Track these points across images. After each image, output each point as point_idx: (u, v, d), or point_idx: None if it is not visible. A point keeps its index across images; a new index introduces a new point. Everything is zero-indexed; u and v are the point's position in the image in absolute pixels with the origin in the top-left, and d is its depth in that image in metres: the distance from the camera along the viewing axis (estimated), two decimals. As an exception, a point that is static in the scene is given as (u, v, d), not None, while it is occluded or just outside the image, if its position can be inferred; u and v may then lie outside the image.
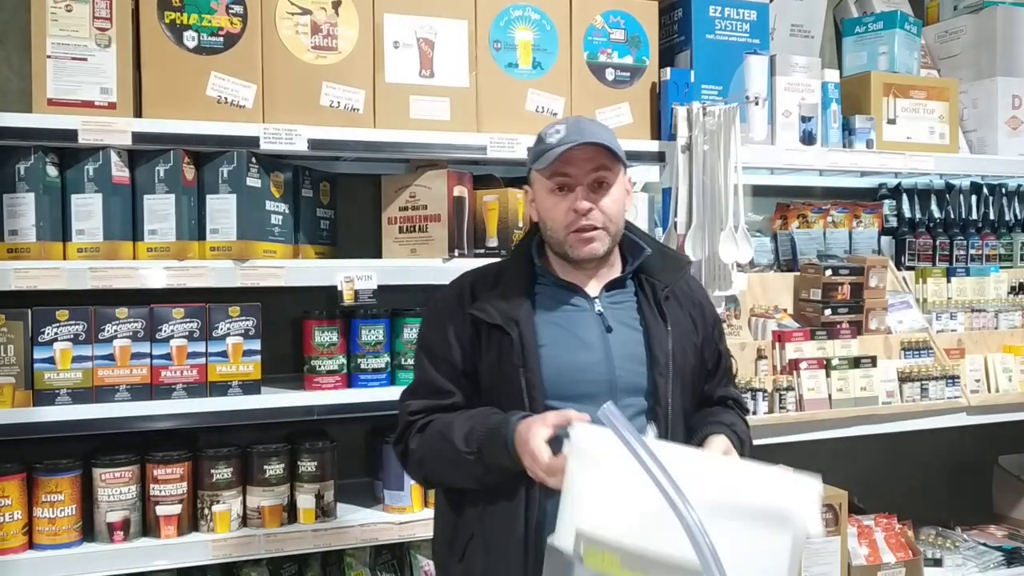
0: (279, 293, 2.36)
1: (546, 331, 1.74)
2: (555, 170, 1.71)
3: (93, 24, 2.11)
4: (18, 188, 2.07)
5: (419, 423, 1.77)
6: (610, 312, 1.78)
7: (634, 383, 1.75)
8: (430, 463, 1.75)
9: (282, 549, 2.26)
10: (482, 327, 1.74)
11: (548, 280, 1.80)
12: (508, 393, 1.71)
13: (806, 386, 2.70)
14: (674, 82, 2.59)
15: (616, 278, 1.82)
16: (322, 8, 2.29)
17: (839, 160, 2.84)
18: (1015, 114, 3.19)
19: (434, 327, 1.82)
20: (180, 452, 2.24)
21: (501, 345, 1.72)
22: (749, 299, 2.92)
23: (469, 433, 1.66)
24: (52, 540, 2.11)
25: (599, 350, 1.74)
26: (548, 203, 1.75)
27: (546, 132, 1.74)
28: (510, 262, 1.86)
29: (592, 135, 1.69)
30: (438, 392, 1.77)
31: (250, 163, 2.21)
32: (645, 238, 1.89)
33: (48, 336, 2.09)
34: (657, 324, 1.78)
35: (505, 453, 1.60)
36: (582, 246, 1.73)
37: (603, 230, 1.73)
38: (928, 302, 3.15)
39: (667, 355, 1.76)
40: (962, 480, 3.53)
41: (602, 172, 1.72)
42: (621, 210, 1.77)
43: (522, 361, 1.70)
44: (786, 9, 3.07)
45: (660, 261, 1.85)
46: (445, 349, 1.77)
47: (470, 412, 1.72)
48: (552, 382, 1.71)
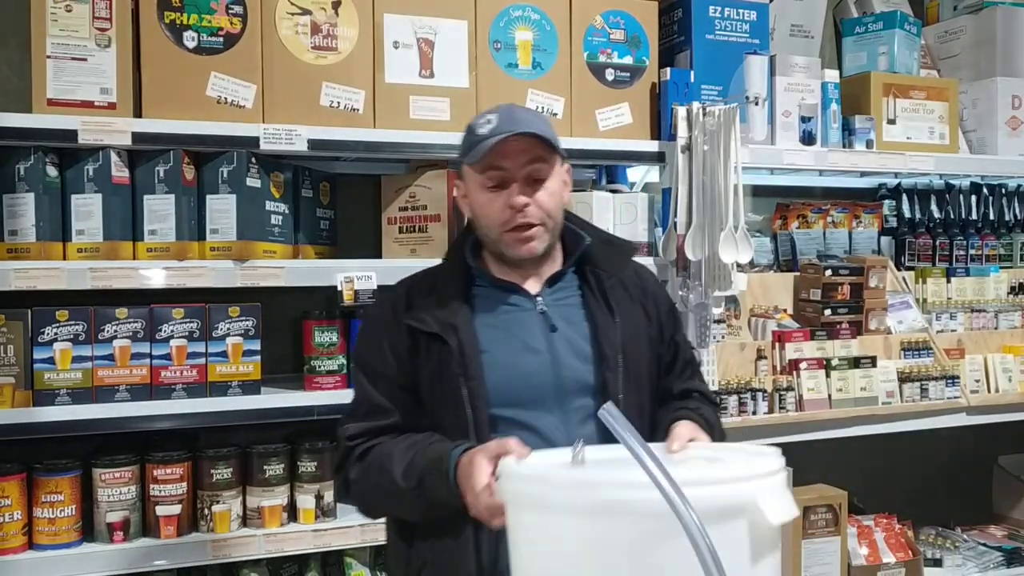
0: (279, 293, 2.35)
1: (487, 336, 1.64)
2: (488, 164, 1.60)
3: (93, 24, 2.11)
4: (18, 188, 2.07)
5: (358, 450, 1.64)
6: (554, 310, 1.68)
7: (582, 382, 1.65)
8: (371, 497, 1.66)
9: (282, 549, 2.26)
10: (419, 337, 1.64)
11: (485, 281, 1.71)
12: (450, 405, 1.61)
13: (806, 386, 2.70)
14: (674, 82, 2.59)
15: (557, 272, 1.72)
16: (322, 8, 2.29)
17: (839, 160, 2.84)
18: (1015, 114, 3.19)
19: (369, 341, 1.71)
20: (180, 452, 2.23)
21: (440, 355, 1.62)
22: (749, 299, 2.92)
23: (409, 466, 1.55)
24: (52, 540, 2.11)
25: (544, 351, 1.64)
26: (481, 200, 1.65)
27: (476, 123, 1.64)
28: (445, 266, 1.76)
29: (527, 125, 1.59)
30: (377, 412, 1.66)
31: (250, 163, 2.21)
32: (586, 227, 1.79)
33: (48, 336, 2.09)
34: (604, 317, 1.68)
35: (446, 489, 1.49)
36: (520, 246, 1.63)
37: (541, 227, 1.63)
38: (928, 302, 3.15)
39: (616, 349, 1.66)
40: (962, 480, 3.53)
41: (538, 165, 1.62)
42: (559, 204, 1.67)
43: (462, 370, 1.59)
44: (786, 9, 3.07)
45: (603, 250, 1.75)
46: (381, 364, 1.66)
47: (411, 440, 1.60)
48: (496, 389, 1.61)
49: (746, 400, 2.61)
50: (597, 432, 1.61)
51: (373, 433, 1.65)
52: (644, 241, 2.59)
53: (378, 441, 1.64)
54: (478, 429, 1.58)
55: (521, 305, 1.69)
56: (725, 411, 2.58)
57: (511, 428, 1.59)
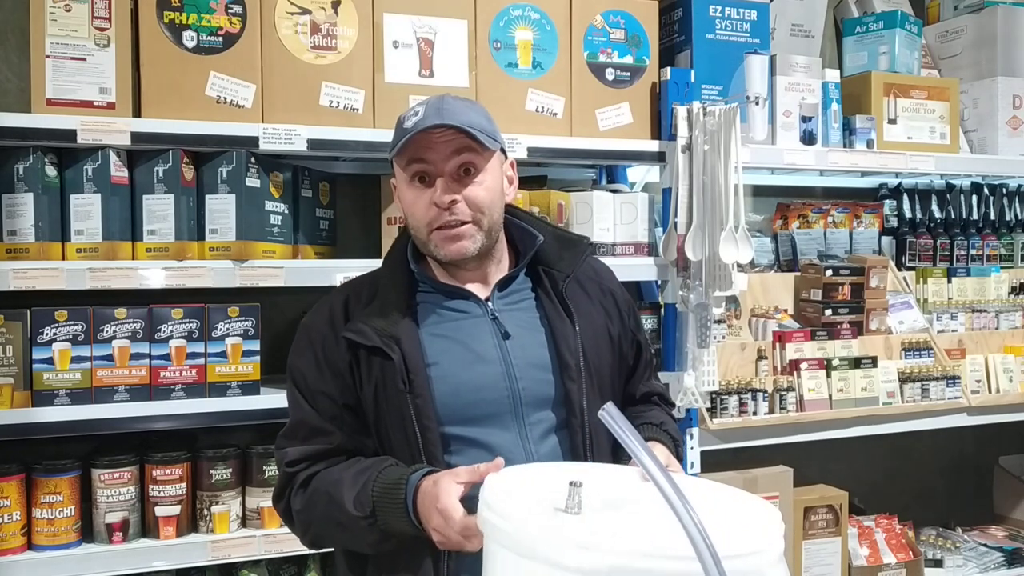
0: (278, 293, 2.35)
1: (433, 347, 1.51)
2: (411, 157, 1.49)
3: (92, 24, 2.11)
4: (17, 188, 2.07)
5: (301, 477, 1.52)
6: (506, 315, 1.55)
7: (541, 394, 1.52)
8: (318, 528, 1.52)
9: (281, 550, 2.25)
10: (360, 351, 1.50)
11: (429, 287, 1.57)
12: (396, 424, 1.48)
13: (806, 387, 2.70)
14: (674, 82, 2.59)
15: (507, 275, 1.59)
16: (321, 8, 2.29)
17: (839, 160, 2.84)
18: (1016, 114, 3.19)
19: (304, 356, 1.56)
20: (179, 453, 2.23)
21: (384, 369, 1.48)
22: (749, 299, 2.91)
23: (361, 494, 1.42)
24: (51, 541, 2.11)
25: (496, 361, 1.51)
26: (408, 197, 1.52)
27: (404, 115, 1.51)
28: (384, 270, 1.62)
29: (452, 115, 1.46)
30: (317, 434, 1.52)
31: (249, 163, 2.21)
32: (537, 224, 1.65)
33: (47, 336, 2.08)
34: (562, 321, 1.56)
35: (404, 517, 1.38)
36: (448, 245, 1.50)
37: (472, 224, 1.50)
38: (929, 302, 3.15)
39: (577, 356, 1.53)
40: (963, 481, 3.53)
41: (467, 156, 1.49)
42: (496, 199, 1.53)
43: (407, 385, 1.46)
44: (786, 9, 3.06)
45: (557, 247, 1.62)
46: (319, 381, 1.53)
47: (361, 465, 1.48)
48: (445, 405, 1.48)
49: (746, 400, 2.61)
50: (560, 447, 1.54)
51: (315, 458, 1.52)
52: (644, 241, 2.59)
53: (322, 467, 1.52)
54: (427, 449, 1.47)
55: (470, 312, 1.56)
56: (726, 412, 2.57)
57: (463, 447, 1.49)
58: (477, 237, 1.52)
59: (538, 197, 2.49)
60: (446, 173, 1.50)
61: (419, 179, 1.51)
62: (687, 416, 2.57)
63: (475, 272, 1.58)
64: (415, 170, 1.51)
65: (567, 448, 1.55)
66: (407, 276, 1.58)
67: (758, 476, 2.68)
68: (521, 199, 2.45)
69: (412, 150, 1.49)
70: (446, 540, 1.33)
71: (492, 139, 1.52)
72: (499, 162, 1.58)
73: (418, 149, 1.49)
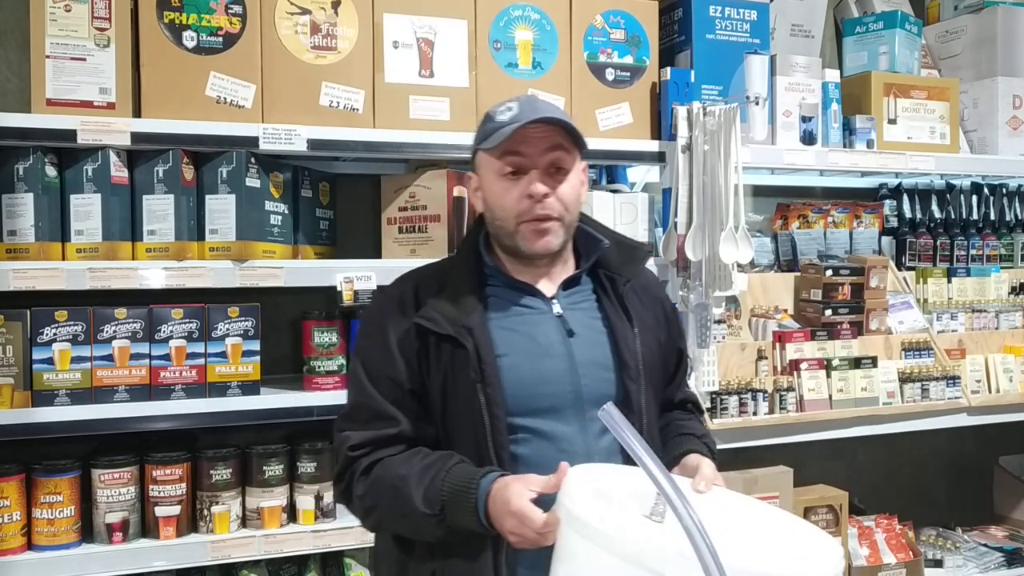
0: (278, 293, 2.35)
1: (502, 339, 1.55)
2: (507, 149, 1.53)
3: (92, 24, 2.11)
4: (17, 188, 2.07)
5: (363, 463, 1.54)
6: (570, 314, 1.61)
7: (602, 391, 1.57)
8: (381, 517, 1.56)
9: (281, 550, 2.25)
10: (429, 338, 1.54)
11: (499, 280, 1.62)
12: (465, 412, 1.52)
13: (807, 387, 2.70)
14: (674, 82, 2.59)
15: (572, 275, 1.65)
16: (321, 8, 2.29)
17: (839, 160, 2.84)
18: (1016, 114, 3.19)
19: (374, 339, 1.59)
20: (179, 453, 2.23)
21: (454, 358, 1.52)
22: (749, 299, 2.91)
23: (430, 490, 1.45)
24: (51, 541, 2.11)
25: (561, 357, 1.56)
26: (498, 188, 1.56)
27: (495, 110, 1.57)
28: (456, 261, 1.66)
29: (549, 112, 1.53)
30: (380, 418, 1.55)
31: (249, 163, 2.21)
32: (601, 229, 1.71)
33: (47, 337, 2.08)
34: (622, 324, 1.61)
35: (474, 518, 1.42)
36: (536, 239, 1.55)
37: (558, 221, 1.55)
38: (929, 302, 3.15)
39: (636, 358, 1.59)
40: (963, 481, 3.53)
41: (559, 154, 1.55)
42: (578, 200, 1.59)
43: (479, 375, 1.50)
44: (786, 9, 3.06)
45: (619, 253, 1.68)
46: (388, 366, 1.55)
47: (426, 460, 1.50)
48: (513, 396, 1.52)
49: (747, 401, 2.61)
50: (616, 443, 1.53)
51: (377, 443, 1.55)
52: (645, 241, 2.59)
53: (385, 454, 1.54)
54: (495, 437, 1.51)
55: (537, 308, 1.61)
56: (726, 412, 2.57)
57: (528, 437, 1.53)
58: (560, 233, 1.57)
59: (538, 197, 2.49)
60: (540, 167, 1.54)
61: (512, 172, 1.55)
62: (687, 416, 2.57)
63: (545, 269, 1.63)
64: (510, 162, 1.55)
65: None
66: (478, 268, 1.63)
67: (758, 476, 2.68)
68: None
69: (508, 143, 1.52)
70: (523, 539, 1.37)
71: (581, 140, 1.58)
72: (581, 166, 1.63)
73: (514, 143, 1.52)
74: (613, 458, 1.56)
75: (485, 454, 1.51)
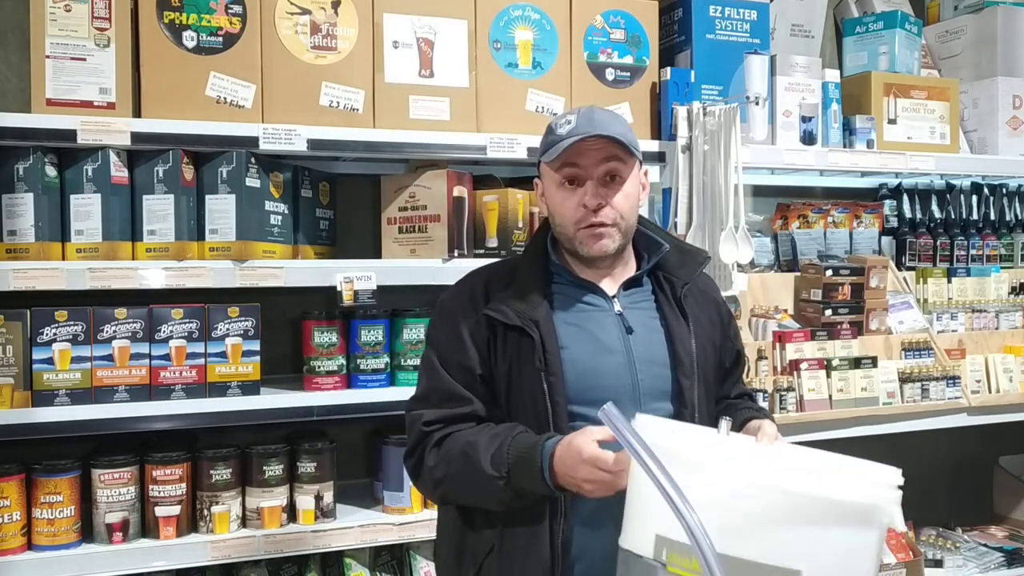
0: (278, 293, 2.35)
1: (566, 332, 1.66)
2: (564, 162, 1.63)
3: (92, 24, 2.11)
4: (17, 188, 2.07)
5: (436, 435, 1.65)
6: (630, 313, 1.70)
7: (658, 387, 1.67)
8: (450, 484, 1.64)
9: (281, 550, 2.25)
10: (498, 329, 1.65)
11: (564, 278, 1.72)
12: (529, 399, 1.62)
13: (806, 387, 2.70)
14: (674, 82, 2.59)
15: (633, 276, 1.74)
16: (321, 8, 2.29)
17: (839, 160, 2.84)
18: (1015, 114, 3.19)
19: (446, 329, 1.71)
20: (179, 453, 2.23)
21: (520, 347, 1.63)
22: (749, 299, 2.91)
23: (496, 455, 1.55)
24: (51, 541, 2.11)
25: (620, 352, 1.66)
26: (557, 198, 1.67)
27: (556, 122, 1.67)
28: (524, 259, 1.77)
29: (604, 127, 1.61)
30: (454, 399, 1.66)
31: (249, 163, 2.21)
32: (661, 234, 1.81)
33: (47, 337, 2.08)
34: (679, 324, 1.71)
35: (539, 479, 1.51)
36: (592, 243, 1.65)
37: (614, 227, 1.65)
38: (929, 302, 3.15)
39: (691, 356, 1.69)
40: (963, 481, 3.53)
41: (614, 164, 1.64)
42: (634, 206, 1.69)
43: (544, 364, 1.61)
44: (786, 9, 3.07)
45: (678, 257, 1.78)
46: (460, 353, 1.67)
47: (495, 429, 1.61)
48: (574, 386, 1.62)
49: (747, 400, 2.61)
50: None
51: (450, 420, 1.65)
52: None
53: (456, 428, 1.64)
54: (555, 423, 1.60)
55: (599, 305, 1.70)
56: (725, 411, 2.58)
57: (587, 425, 1.57)
58: (616, 237, 1.66)
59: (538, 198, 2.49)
60: (595, 178, 1.64)
61: (568, 182, 1.65)
62: (687, 416, 2.57)
63: (606, 270, 1.72)
64: (567, 174, 1.65)
65: None
66: (545, 267, 1.73)
67: (758, 476, 2.68)
68: (522, 200, 2.45)
69: (565, 155, 1.62)
70: (599, 483, 1.45)
71: (634, 149, 1.66)
72: (638, 171, 1.71)
73: (571, 155, 1.62)
74: None
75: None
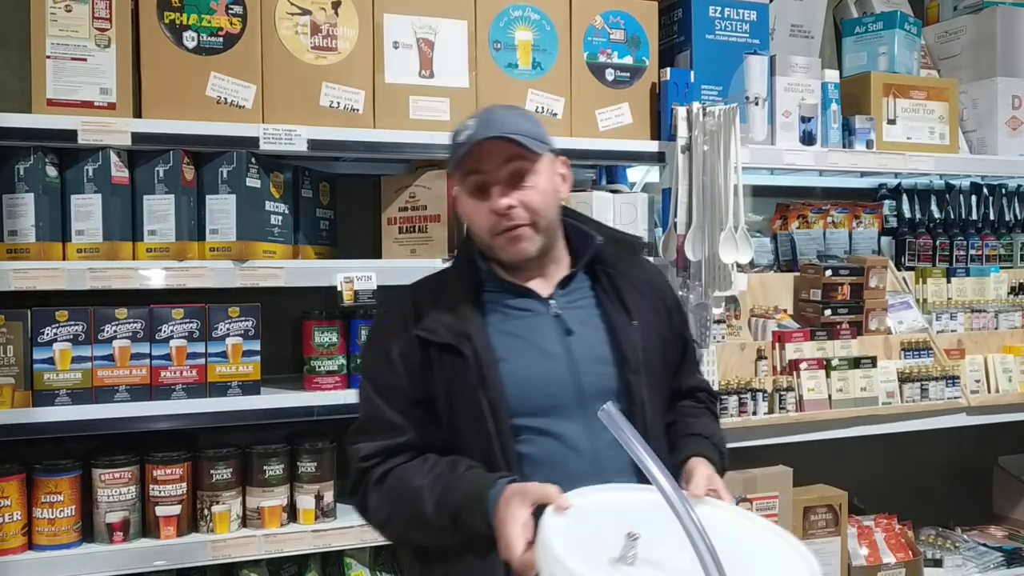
0: (279, 293, 2.35)
1: (501, 343, 1.58)
2: (468, 170, 1.57)
3: (92, 24, 2.11)
4: (17, 188, 2.07)
5: (375, 473, 1.58)
6: (568, 313, 1.62)
7: (604, 387, 1.59)
8: (396, 527, 1.60)
9: (282, 550, 2.26)
10: (431, 348, 1.57)
11: (495, 286, 1.64)
12: (469, 417, 1.55)
13: (806, 386, 2.70)
14: (674, 82, 2.59)
15: (568, 274, 1.66)
16: (322, 8, 2.29)
17: (839, 160, 2.84)
18: (1015, 114, 3.19)
19: (378, 355, 1.63)
20: (180, 453, 2.23)
21: (455, 366, 1.55)
22: (749, 299, 2.92)
23: (441, 500, 1.49)
24: (51, 541, 2.11)
25: (561, 356, 1.59)
26: (470, 207, 1.61)
27: (457, 130, 1.60)
28: (452, 272, 1.70)
29: (500, 126, 1.54)
30: (389, 429, 1.58)
31: (250, 163, 2.21)
32: (593, 225, 1.73)
33: (47, 336, 2.09)
34: (621, 318, 1.63)
35: (486, 525, 1.43)
36: (511, 246, 1.58)
37: (530, 227, 1.57)
38: (928, 302, 3.15)
39: (636, 351, 1.61)
40: (962, 480, 3.53)
41: (518, 163, 1.56)
42: (550, 201, 1.60)
43: (480, 380, 1.53)
44: (786, 9, 3.07)
45: (613, 248, 1.69)
46: (393, 378, 1.59)
47: (436, 469, 1.53)
48: (515, 398, 1.55)
49: (746, 400, 2.61)
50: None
51: (387, 452, 1.59)
52: (644, 241, 2.59)
53: (395, 463, 1.58)
54: (501, 440, 1.53)
55: (534, 309, 1.63)
56: (725, 412, 2.58)
57: (533, 436, 1.56)
58: (536, 238, 1.59)
59: (538, 197, 2.49)
60: (500, 181, 1.57)
61: (478, 190, 1.59)
62: (687, 416, 2.57)
63: (537, 272, 1.65)
64: (472, 181, 1.59)
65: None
66: (474, 276, 1.66)
67: (758, 476, 2.68)
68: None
69: (467, 163, 1.57)
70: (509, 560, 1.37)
71: (540, 143, 1.59)
72: (550, 163, 1.64)
73: (472, 161, 1.56)
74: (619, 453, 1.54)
75: (493, 456, 1.53)
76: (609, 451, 1.55)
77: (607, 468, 1.55)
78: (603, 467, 1.55)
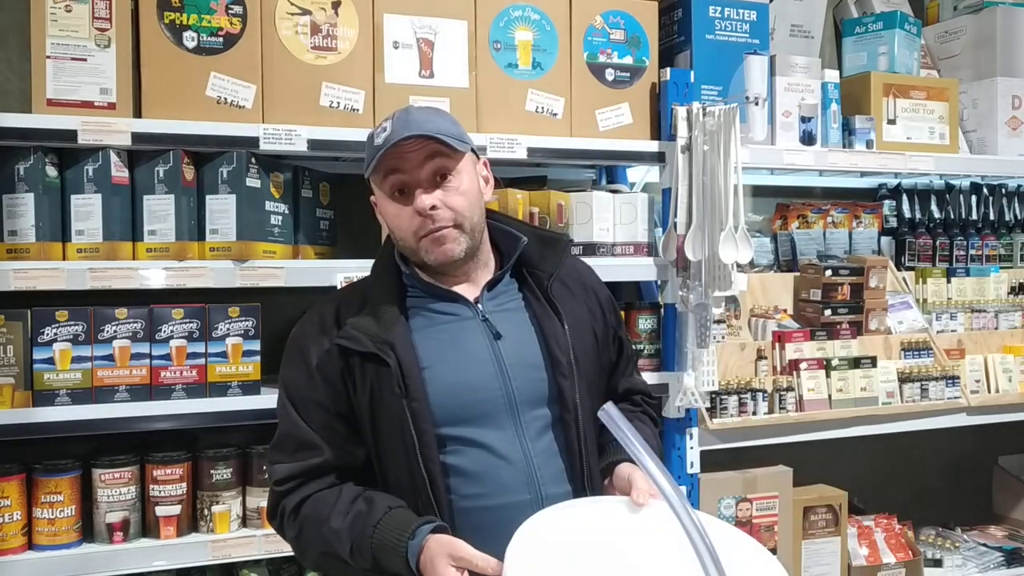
0: (279, 293, 2.35)
1: (427, 350, 1.53)
2: (387, 170, 1.53)
3: (92, 24, 2.11)
4: (17, 188, 2.07)
5: (291, 500, 1.53)
6: (496, 316, 1.58)
7: (536, 392, 1.55)
8: (316, 560, 1.55)
9: (282, 550, 2.25)
10: (353, 358, 1.52)
11: (419, 291, 1.60)
12: (392, 428, 1.50)
13: (806, 386, 2.70)
14: (674, 82, 2.59)
15: (495, 276, 1.62)
16: (322, 8, 2.29)
17: (839, 160, 2.84)
18: (1015, 114, 3.19)
19: (297, 366, 1.57)
20: (180, 453, 2.24)
21: (378, 375, 1.50)
22: (749, 299, 2.92)
23: (359, 546, 1.44)
24: (51, 541, 2.11)
25: (490, 362, 1.54)
26: (391, 211, 1.56)
27: (374, 132, 1.55)
28: (373, 278, 1.65)
29: (419, 125, 1.50)
30: (305, 447, 1.53)
31: (250, 163, 2.21)
32: (517, 225, 1.69)
33: (47, 337, 2.09)
34: (550, 320, 1.58)
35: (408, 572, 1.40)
36: (436, 248, 1.53)
37: (456, 228, 1.53)
38: (928, 302, 3.15)
39: (567, 354, 1.56)
40: (962, 480, 3.53)
41: (439, 161, 1.52)
42: (475, 201, 1.56)
43: (403, 390, 1.48)
44: (786, 9, 3.07)
45: (538, 248, 1.65)
46: (310, 390, 1.54)
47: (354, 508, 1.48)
48: (441, 407, 1.50)
49: (746, 400, 2.61)
50: (555, 444, 1.56)
51: (304, 475, 1.54)
52: (644, 241, 2.59)
53: (311, 491, 1.53)
54: (423, 452, 1.49)
55: (460, 314, 1.58)
56: (725, 412, 2.58)
57: (460, 447, 1.52)
58: (461, 239, 1.55)
59: (538, 197, 2.49)
60: (422, 181, 1.53)
61: (398, 192, 1.55)
62: (687, 416, 2.57)
63: (463, 275, 1.61)
64: (392, 183, 1.55)
65: (562, 445, 1.58)
66: (397, 282, 1.61)
67: (757, 476, 2.68)
68: (522, 200, 2.45)
69: (386, 164, 1.53)
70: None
71: (460, 142, 1.55)
72: (472, 164, 1.61)
73: (392, 162, 1.52)
74: (552, 460, 1.55)
75: (416, 469, 1.49)
76: (541, 459, 1.53)
77: (540, 477, 1.52)
78: (536, 476, 1.52)
